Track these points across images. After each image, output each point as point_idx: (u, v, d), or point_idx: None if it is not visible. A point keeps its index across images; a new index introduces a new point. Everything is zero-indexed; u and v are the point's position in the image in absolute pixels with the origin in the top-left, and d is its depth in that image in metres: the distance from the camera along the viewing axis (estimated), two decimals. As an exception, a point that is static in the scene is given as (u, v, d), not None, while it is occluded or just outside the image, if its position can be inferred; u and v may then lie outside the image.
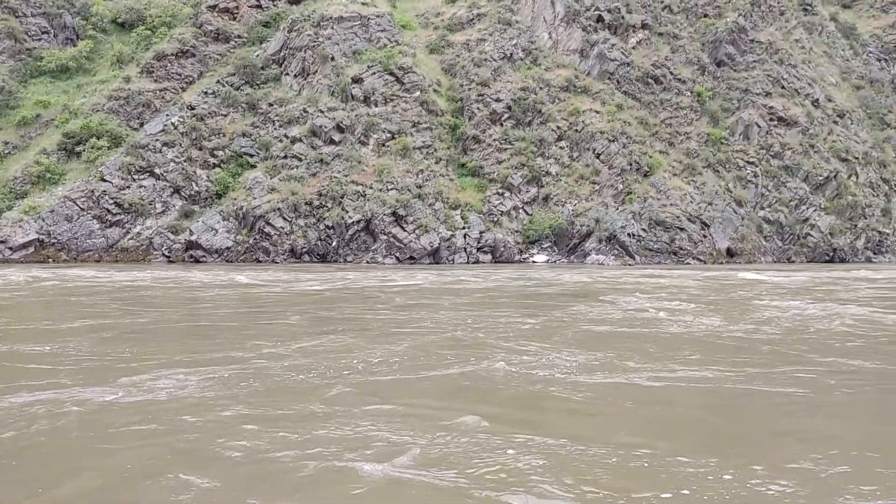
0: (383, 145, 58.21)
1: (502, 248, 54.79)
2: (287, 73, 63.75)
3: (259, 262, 51.22)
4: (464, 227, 55.03)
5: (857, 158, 69.29)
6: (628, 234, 55.52)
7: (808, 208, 64.32)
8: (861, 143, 71.72)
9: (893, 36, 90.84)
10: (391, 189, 54.77)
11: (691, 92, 67.79)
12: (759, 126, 66.95)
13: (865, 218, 66.43)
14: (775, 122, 67.68)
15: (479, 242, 54.58)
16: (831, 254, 63.30)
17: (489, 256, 54.25)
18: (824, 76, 76.14)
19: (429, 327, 15.57)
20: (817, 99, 71.34)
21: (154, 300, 22.40)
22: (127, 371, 10.28)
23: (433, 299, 22.72)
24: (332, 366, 10.82)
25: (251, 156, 58.55)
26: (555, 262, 54.62)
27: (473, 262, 52.81)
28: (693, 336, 14.58)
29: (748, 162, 65.11)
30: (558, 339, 13.77)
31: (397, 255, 52.39)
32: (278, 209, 53.24)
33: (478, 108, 62.55)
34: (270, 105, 61.09)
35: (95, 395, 8.81)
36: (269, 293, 24.89)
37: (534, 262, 54.43)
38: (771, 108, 68.19)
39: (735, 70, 71.01)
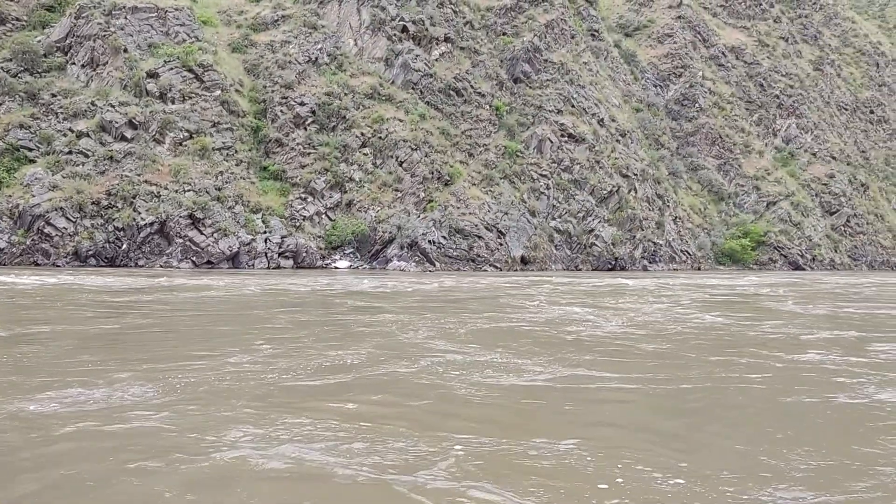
0: (180, 144, 55.67)
1: (304, 254, 54.24)
2: (73, 63, 59.26)
3: (38, 265, 47.19)
4: (265, 232, 53.88)
5: (636, 175, 75.63)
6: (429, 241, 56.93)
7: (593, 220, 69.16)
8: (639, 161, 78.39)
9: (667, 65, 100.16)
10: (188, 190, 52.52)
11: (490, 106, 70.72)
12: (551, 141, 71.11)
13: (642, 230, 72.61)
14: (566, 139, 72.22)
15: (280, 247, 53.67)
16: (613, 262, 68.44)
17: (291, 262, 53.49)
18: (609, 98, 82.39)
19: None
20: (602, 119, 77.01)
21: None
22: None
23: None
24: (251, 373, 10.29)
25: (30, 150, 53.76)
26: (357, 267, 54.88)
27: (275, 268, 51.83)
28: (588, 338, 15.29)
29: (541, 175, 68.94)
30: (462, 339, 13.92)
31: (194, 259, 50.32)
32: (61, 208, 49.34)
33: (281, 111, 61.54)
34: (53, 96, 56.49)
35: None
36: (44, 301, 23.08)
37: (336, 267, 54.36)
38: (562, 124, 72.69)
39: (530, 87, 75.00)
